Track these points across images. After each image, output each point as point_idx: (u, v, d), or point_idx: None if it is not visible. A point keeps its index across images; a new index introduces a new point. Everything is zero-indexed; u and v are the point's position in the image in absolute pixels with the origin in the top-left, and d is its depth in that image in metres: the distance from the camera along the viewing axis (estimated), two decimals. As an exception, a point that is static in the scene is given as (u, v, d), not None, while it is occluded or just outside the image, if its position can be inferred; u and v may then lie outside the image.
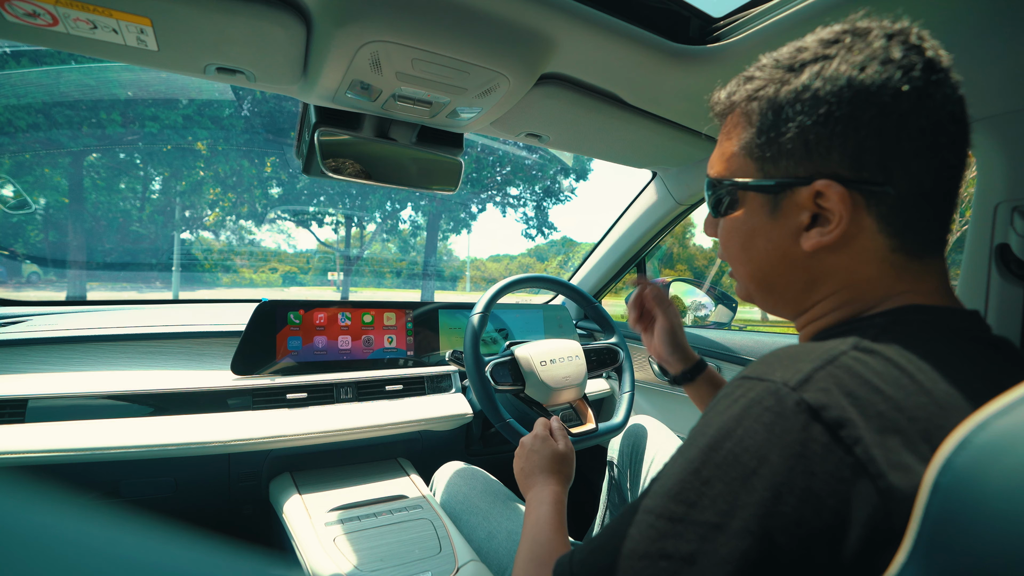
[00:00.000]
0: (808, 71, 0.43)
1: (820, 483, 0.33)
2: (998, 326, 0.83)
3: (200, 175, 12.63)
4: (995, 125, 0.80)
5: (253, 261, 16.20)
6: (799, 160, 0.44)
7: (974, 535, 0.27)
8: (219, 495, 1.22)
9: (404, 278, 17.36)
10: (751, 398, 0.38)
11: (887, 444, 0.33)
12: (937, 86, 0.41)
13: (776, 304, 0.53)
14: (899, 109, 0.41)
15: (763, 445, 0.35)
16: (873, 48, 0.42)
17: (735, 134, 0.49)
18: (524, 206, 15.39)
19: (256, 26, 0.71)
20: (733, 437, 0.37)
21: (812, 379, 0.36)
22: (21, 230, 11.35)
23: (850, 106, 0.41)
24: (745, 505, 0.35)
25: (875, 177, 0.42)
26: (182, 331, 1.26)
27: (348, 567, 0.93)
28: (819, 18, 0.71)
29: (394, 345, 1.44)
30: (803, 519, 0.33)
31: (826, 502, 0.33)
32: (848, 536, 0.33)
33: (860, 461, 0.33)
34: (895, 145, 0.41)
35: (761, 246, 0.49)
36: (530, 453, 0.87)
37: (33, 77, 7.90)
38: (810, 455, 0.34)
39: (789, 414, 0.35)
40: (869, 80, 0.41)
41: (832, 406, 0.34)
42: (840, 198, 0.43)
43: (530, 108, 0.98)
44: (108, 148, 10.89)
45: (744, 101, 0.48)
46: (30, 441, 0.96)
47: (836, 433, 0.34)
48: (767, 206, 0.48)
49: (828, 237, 0.44)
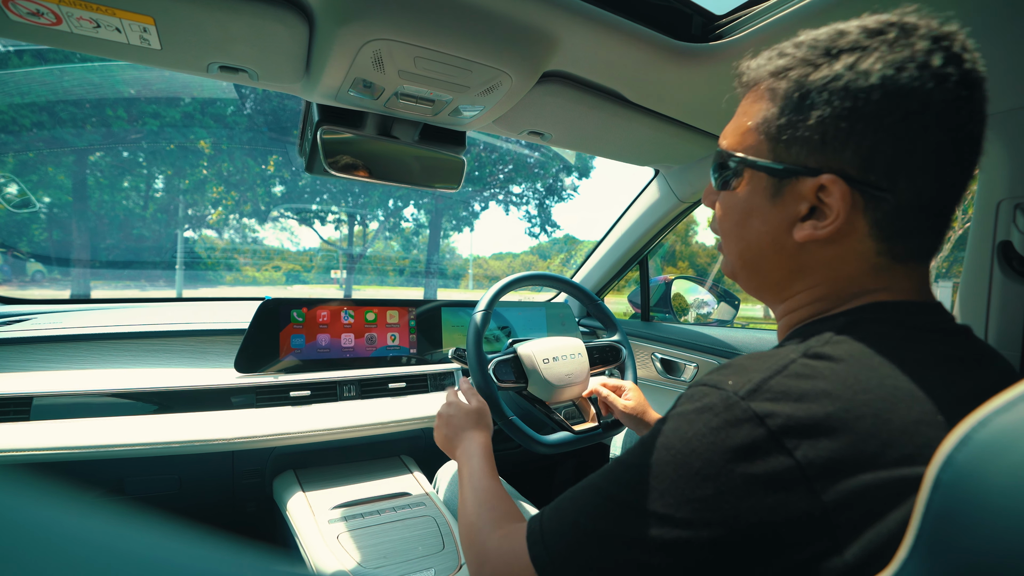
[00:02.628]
0: (843, 60, 0.42)
1: (760, 485, 0.36)
2: (1000, 323, 0.83)
3: (203, 173, 12.64)
4: (998, 122, 0.80)
5: (256, 259, 16.23)
6: (812, 150, 0.44)
7: (975, 531, 0.27)
8: (223, 492, 1.22)
9: (407, 276, 17.36)
10: (704, 403, 0.40)
11: (828, 447, 0.35)
12: (966, 103, 0.41)
13: (759, 286, 0.54)
14: (923, 120, 0.40)
15: (710, 447, 0.38)
16: (914, 49, 0.40)
17: (755, 109, 0.48)
18: (526, 204, 15.38)
19: (258, 25, 0.71)
20: (685, 438, 0.40)
21: (760, 389, 0.38)
22: (25, 229, 11.39)
23: (876, 106, 0.40)
24: (690, 500, 0.38)
25: (880, 182, 0.42)
26: (186, 329, 1.27)
27: (351, 564, 0.93)
28: (821, 15, 0.71)
29: (397, 343, 1.44)
30: (741, 516, 0.36)
31: (765, 501, 0.36)
32: (786, 533, 0.35)
33: (800, 465, 0.35)
34: (908, 154, 0.41)
35: (755, 227, 0.50)
36: (448, 419, 0.89)
37: (36, 75, 7.91)
38: (753, 459, 0.36)
39: (736, 421, 0.38)
40: (902, 83, 0.40)
41: (777, 414, 0.37)
42: (842, 196, 0.43)
43: (532, 106, 0.98)
44: (111, 147, 10.91)
45: (772, 77, 0.47)
46: (35, 439, 0.97)
47: (779, 440, 0.36)
48: (770, 189, 0.48)
49: (822, 232, 0.44)
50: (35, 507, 0.15)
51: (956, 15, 0.67)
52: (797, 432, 0.36)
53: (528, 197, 15.30)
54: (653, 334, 1.69)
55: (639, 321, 1.93)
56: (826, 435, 0.35)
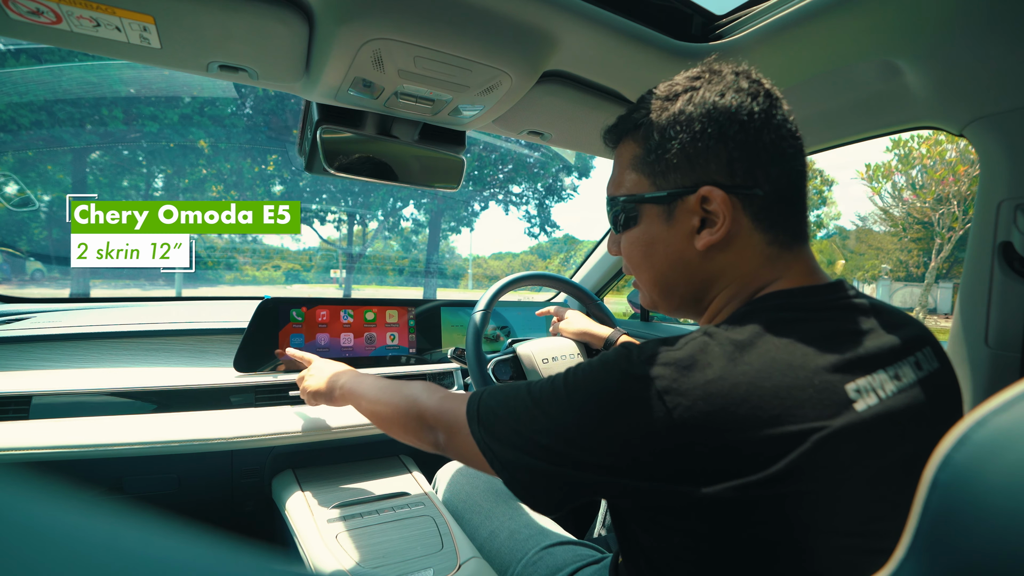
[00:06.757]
0: (681, 99, 0.53)
1: (644, 427, 0.43)
2: (1000, 323, 0.83)
3: (203, 172, 12.65)
4: (998, 123, 0.80)
5: (256, 258, 16.24)
6: (684, 172, 0.53)
7: (973, 532, 0.27)
8: (222, 492, 1.22)
9: (406, 276, 17.38)
10: (614, 358, 0.49)
11: (703, 410, 0.42)
12: (776, 108, 0.53)
13: (679, 305, 0.61)
14: (754, 125, 0.51)
15: (609, 396, 0.47)
16: (726, 81, 0.53)
17: (627, 156, 0.59)
18: (526, 204, 15.39)
19: (258, 24, 0.71)
20: (594, 381, 0.49)
21: (658, 356, 0.46)
22: (25, 227, 11.39)
23: (717, 124, 0.51)
24: (588, 431, 0.47)
25: (746, 182, 0.52)
26: (185, 328, 1.27)
27: (350, 564, 0.93)
28: (819, 16, 0.71)
29: (396, 342, 1.44)
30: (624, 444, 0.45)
31: (641, 440, 0.44)
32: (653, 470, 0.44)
33: (676, 422, 0.42)
34: (756, 155, 0.51)
35: (661, 251, 0.57)
36: (312, 371, 1.00)
37: (35, 75, 7.90)
38: (639, 409, 0.44)
39: (632, 378, 0.46)
40: (728, 103, 0.51)
41: (664, 377, 0.44)
42: (722, 200, 0.51)
43: (532, 105, 0.98)
44: (110, 145, 10.91)
45: (632, 128, 0.58)
46: (34, 437, 0.97)
47: (662, 397, 0.43)
48: (663, 215, 0.56)
49: (716, 235, 0.53)
50: (33, 505, 0.15)
51: (956, 16, 0.68)
52: (678, 393, 0.43)
53: (528, 197, 15.31)
54: (652, 334, 1.69)
55: (639, 321, 1.93)
56: (703, 400, 0.42)
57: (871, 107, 0.93)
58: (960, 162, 12.30)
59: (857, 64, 0.82)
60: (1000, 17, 0.67)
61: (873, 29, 0.73)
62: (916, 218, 14.74)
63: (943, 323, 13.24)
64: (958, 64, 0.76)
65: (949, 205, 12.91)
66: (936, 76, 0.79)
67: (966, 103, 0.81)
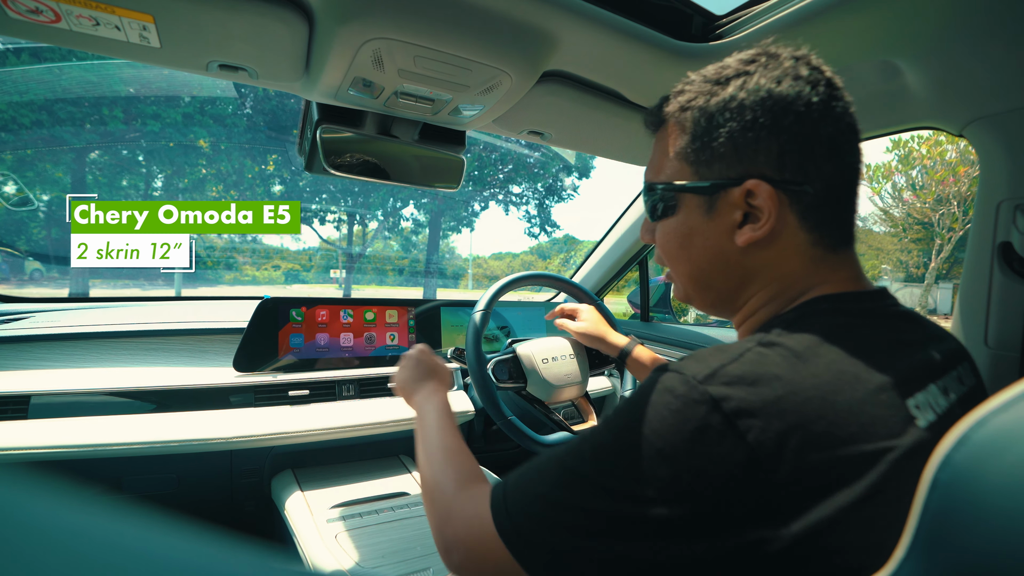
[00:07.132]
0: (733, 84, 0.49)
1: (715, 465, 0.37)
2: (1000, 323, 0.83)
3: (202, 172, 12.65)
4: (998, 123, 0.80)
5: (255, 258, 16.23)
6: (730, 163, 0.49)
7: (973, 531, 0.27)
8: (221, 491, 1.22)
9: (406, 276, 17.37)
10: (665, 386, 0.42)
11: (779, 429, 0.37)
12: (837, 100, 0.48)
13: (714, 301, 0.57)
14: (811, 117, 0.47)
15: (670, 429, 0.40)
16: (784, 67, 0.48)
17: (670, 142, 0.54)
18: (526, 204, 15.38)
19: (258, 23, 0.71)
20: (645, 419, 0.41)
21: (717, 374, 0.40)
22: (24, 227, 11.38)
23: (771, 114, 0.47)
24: (649, 479, 0.39)
25: (796, 177, 0.48)
26: (184, 328, 1.27)
27: (349, 564, 0.93)
28: (819, 16, 0.71)
29: (396, 342, 1.44)
30: (696, 494, 0.38)
31: (718, 482, 0.37)
32: (737, 513, 0.37)
33: (751, 446, 0.37)
34: (810, 149, 0.47)
35: (699, 244, 0.54)
36: (417, 362, 0.86)
37: (35, 74, 7.90)
38: (709, 440, 0.38)
39: (693, 403, 0.39)
40: (785, 91, 0.47)
41: (731, 397, 0.39)
42: (768, 195, 0.48)
43: (532, 105, 0.98)
44: (110, 145, 10.91)
45: (677, 112, 0.53)
46: (33, 437, 0.97)
47: (732, 422, 0.38)
48: (703, 206, 0.52)
49: (759, 232, 0.49)
50: (33, 503, 0.15)
51: (956, 16, 0.68)
52: (749, 414, 0.38)
53: (528, 197, 15.30)
54: (653, 334, 1.69)
55: (639, 321, 1.93)
56: (777, 417, 0.37)
57: (871, 107, 0.93)
58: (960, 163, 12.29)
59: (857, 64, 0.82)
60: (1000, 17, 0.67)
61: (873, 29, 0.73)
62: (916, 219, 14.74)
63: (943, 323, 13.19)
64: (958, 64, 0.76)
65: (949, 206, 12.91)
66: (936, 76, 0.79)
67: (966, 103, 0.81)
